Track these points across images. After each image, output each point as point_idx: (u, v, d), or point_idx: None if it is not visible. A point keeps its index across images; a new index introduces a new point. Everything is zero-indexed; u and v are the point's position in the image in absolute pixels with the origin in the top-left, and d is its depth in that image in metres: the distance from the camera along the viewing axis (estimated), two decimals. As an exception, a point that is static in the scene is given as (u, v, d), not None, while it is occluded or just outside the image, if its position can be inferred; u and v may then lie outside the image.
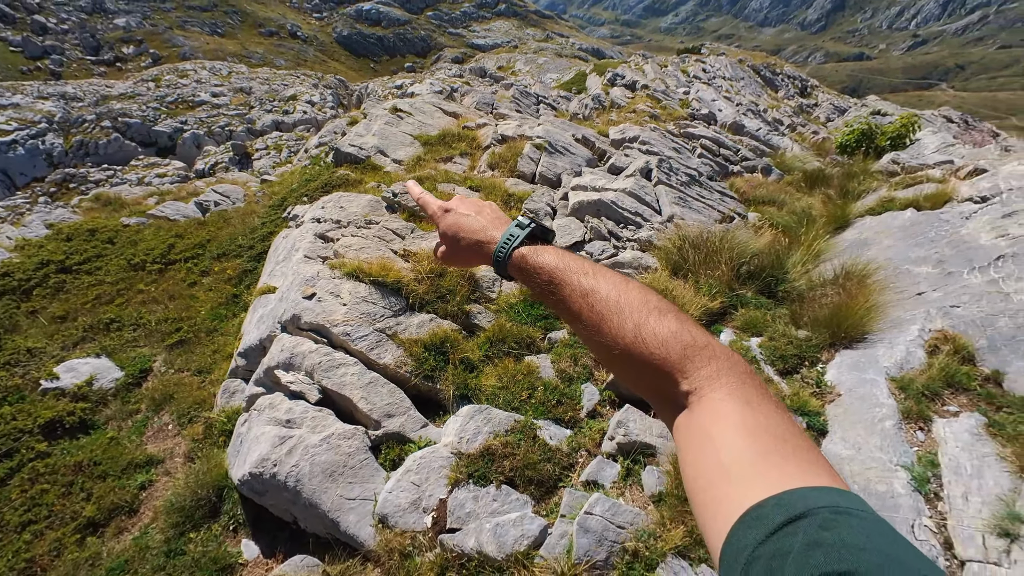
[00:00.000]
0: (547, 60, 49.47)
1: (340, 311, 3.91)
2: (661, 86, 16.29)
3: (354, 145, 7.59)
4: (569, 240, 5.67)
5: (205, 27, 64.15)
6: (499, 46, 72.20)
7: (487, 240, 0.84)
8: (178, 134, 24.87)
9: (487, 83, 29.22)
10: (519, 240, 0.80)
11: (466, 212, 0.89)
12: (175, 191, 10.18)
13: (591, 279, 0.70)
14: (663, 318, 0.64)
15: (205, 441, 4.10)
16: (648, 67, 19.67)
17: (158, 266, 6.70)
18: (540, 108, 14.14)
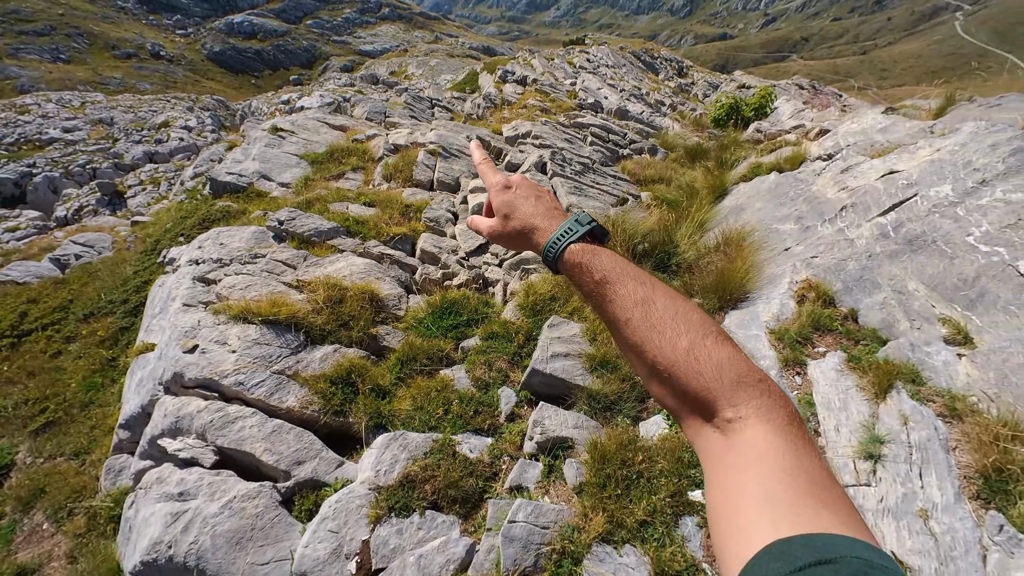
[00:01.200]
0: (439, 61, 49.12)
1: (230, 360, 3.59)
2: (550, 79, 16.77)
3: (232, 173, 7.00)
4: (473, 244, 5.65)
5: (45, 54, 56.22)
6: (388, 51, 70.48)
7: (542, 228, 0.82)
8: (26, 179, 21.60)
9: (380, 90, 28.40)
10: (577, 236, 0.78)
11: (525, 195, 0.87)
12: (24, 248, 8.80)
13: (648, 289, 0.70)
14: (720, 343, 0.64)
15: (90, 534, 3.59)
16: (536, 61, 20.18)
17: (9, 340, 5.75)
18: (435, 112, 13.98)
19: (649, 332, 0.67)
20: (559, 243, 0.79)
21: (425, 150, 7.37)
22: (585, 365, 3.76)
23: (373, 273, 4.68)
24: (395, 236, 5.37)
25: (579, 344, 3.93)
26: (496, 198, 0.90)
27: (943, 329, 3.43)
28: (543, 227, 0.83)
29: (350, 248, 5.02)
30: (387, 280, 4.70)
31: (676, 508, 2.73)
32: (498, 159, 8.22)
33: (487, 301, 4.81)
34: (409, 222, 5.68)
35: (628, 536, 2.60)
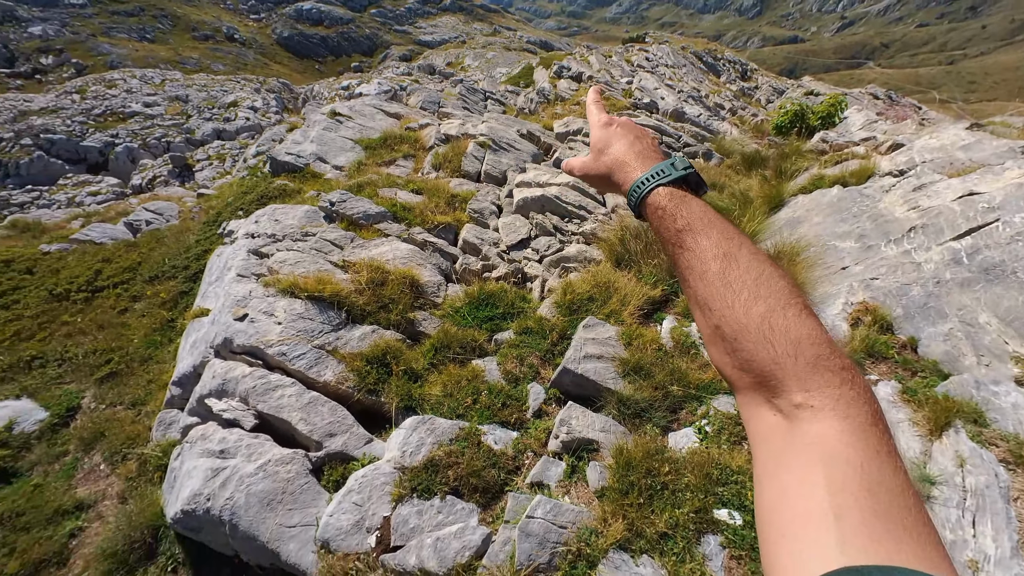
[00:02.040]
0: (496, 54, 49.30)
1: (275, 331, 3.77)
2: (606, 76, 16.50)
3: (291, 153, 7.32)
4: (515, 238, 5.66)
5: (133, 33, 60.47)
6: (447, 42, 71.37)
7: (632, 167, 0.79)
8: (109, 148, 23.40)
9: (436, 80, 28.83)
10: (667, 179, 0.74)
11: (623, 133, 0.84)
12: (103, 212, 9.55)
13: (734, 244, 0.65)
14: (803, 317, 0.57)
15: (139, 479, 3.88)
16: (593, 58, 19.88)
17: (84, 295, 6.28)
18: (488, 104, 14.06)
19: (724, 289, 0.62)
20: (646, 184, 0.75)
21: (475, 142, 7.43)
22: (618, 369, 3.70)
23: (415, 259, 4.78)
24: (439, 225, 5.46)
25: (613, 347, 3.87)
26: (594, 133, 0.89)
27: (1016, 368, 3.15)
28: (633, 166, 0.80)
29: (395, 233, 5.14)
30: (428, 267, 4.78)
31: (699, 525, 2.65)
32: (547, 155, 8.18)
33: (524, 296, 4.81)
34: (454, 212, 5.76)
35: (647, 546, 2.55)
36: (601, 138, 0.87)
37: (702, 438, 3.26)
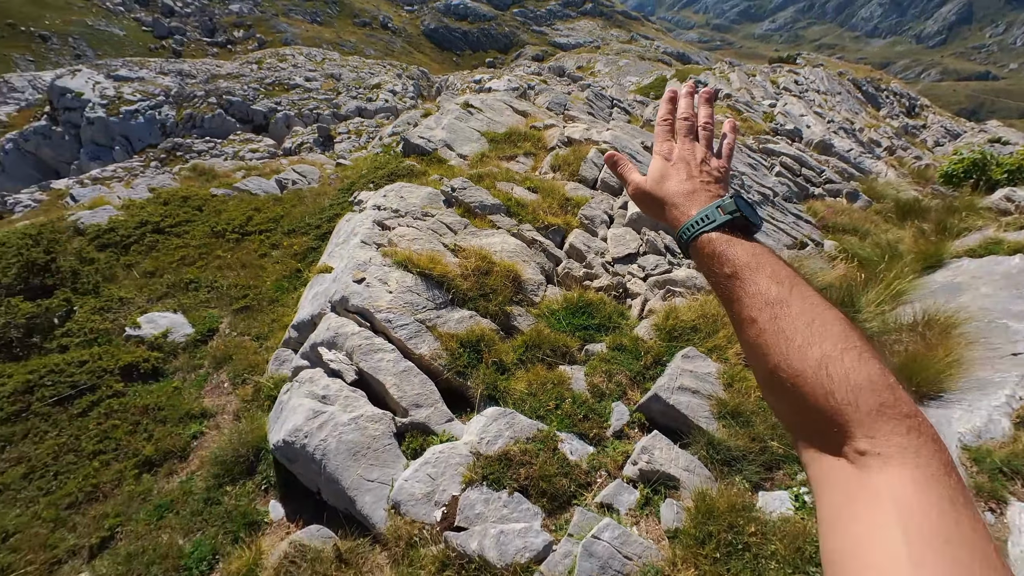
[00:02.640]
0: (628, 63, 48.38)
1: (386, 298, 4.05)
2: (745, 96, 15.42)
3: (423, 137, 7.82)
4: (623, 251, 5.52)
5: (307, 15, 68.62)
6: (581, 46, 71.52)
7: (681, 208, 0.79)
8: (272, 114, 26.83)
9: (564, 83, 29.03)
10: (712, 225, 0.74)
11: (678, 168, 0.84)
12: (261, 167, 11.00)
13: (784, 289, 0.64)
14: (863, 361, 0.56)
15: (253, 403, 4.42)
16: (734, 75, 18.69)
17: (236, 236, 7.28)
18: (614, 112, 13.85)
19: (776, 337, 0.60)
20: (691, 230, 0.75)
21: (597, 148, 7.36)
22: (713, 409, 3.45)
23: (521, 255, 4.86)
24: (549, 225, 5.49)
25: (712, 385, 3.62)
26: (653, 164, 0.88)
27: None
28: (682, 207, 0.79)
29: (506, 227, 5.27)
30: (532, 265, 4.84)
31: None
32: (668, 171, 7.85)
33: (622, 312, 4.67)
34: (565, 215, 5.76)
35: (718, 606, 2.35)
36: (659, 170, 0.85)
37: (798, 507, 2.92)
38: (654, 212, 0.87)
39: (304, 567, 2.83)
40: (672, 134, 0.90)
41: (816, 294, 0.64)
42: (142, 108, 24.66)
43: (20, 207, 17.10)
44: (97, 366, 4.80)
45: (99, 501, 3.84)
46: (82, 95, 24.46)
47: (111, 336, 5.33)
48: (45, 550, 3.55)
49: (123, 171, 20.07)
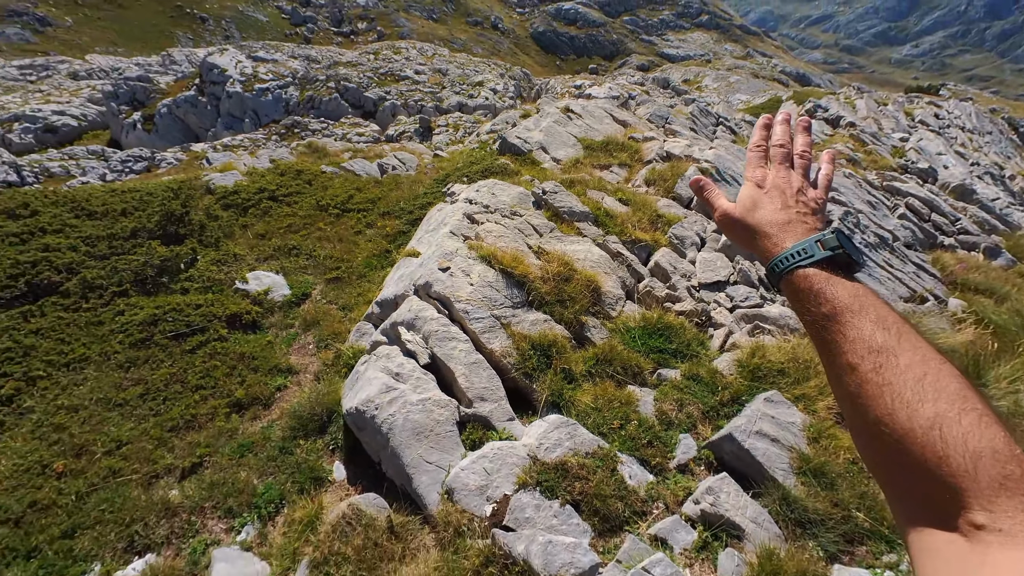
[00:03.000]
0: (740, 79, 45.80)
1: (466, 289, 4.17)
2: (872, 127, 13.99)
3: (520, 138, 7.94)
4: (711, 277, 5.24)
5: (424, 12, 72.47)
6: (690, 58, 68.86)
7: (774, 239, 0.75)
8: (381, 102, 28.64)
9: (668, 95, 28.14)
10: (812, 260, 0.69)
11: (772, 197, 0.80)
12: (365, 150, 11.78)
13: (890, 336, 0.59)
14: (984, 427, 0.51)
15: (332, 367, 4.74)
16: (861, 102, 17.02)
17: (337, 211, 7.86)
18: (718, 130, 13.19)
19: (879, 388, 0.55)
20: (786, 264, 0.70)
21: (697, 166, 7.04)
22: (793, 462, 3.17)
23: (604, 266, 4.78)
24: (636, 240, 5.35)
25: (794, 436, 3.32)
26: (744, 190, 0.83)
27: None
28: (776, 238, 0.74)
29: (592, 236, 5.21)
30: (613, 278, 4.74)
31: None
32: (772, 199, 7.33)
33: (703, 341, 4.44)
34: (654, 231, 5.57)
35: (774, 678, 2.15)
36: (750, 197, 0.81)
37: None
38: (742, 241, 0.83)
39: (358, 530, 2.99)
40: (765, 160, 0.86)
41: (928, 346, 0.58)
42: (272, 87, 27.42)
43: (165, 163, 19.73)
44: (209, 311, 5.41)
45: (194, 430, 4.32)
46: (226, 71, 27.67)
47: (223, 286, 5.98)
48: (147, 464, 4.06)
49: (249, 141, 22.44)
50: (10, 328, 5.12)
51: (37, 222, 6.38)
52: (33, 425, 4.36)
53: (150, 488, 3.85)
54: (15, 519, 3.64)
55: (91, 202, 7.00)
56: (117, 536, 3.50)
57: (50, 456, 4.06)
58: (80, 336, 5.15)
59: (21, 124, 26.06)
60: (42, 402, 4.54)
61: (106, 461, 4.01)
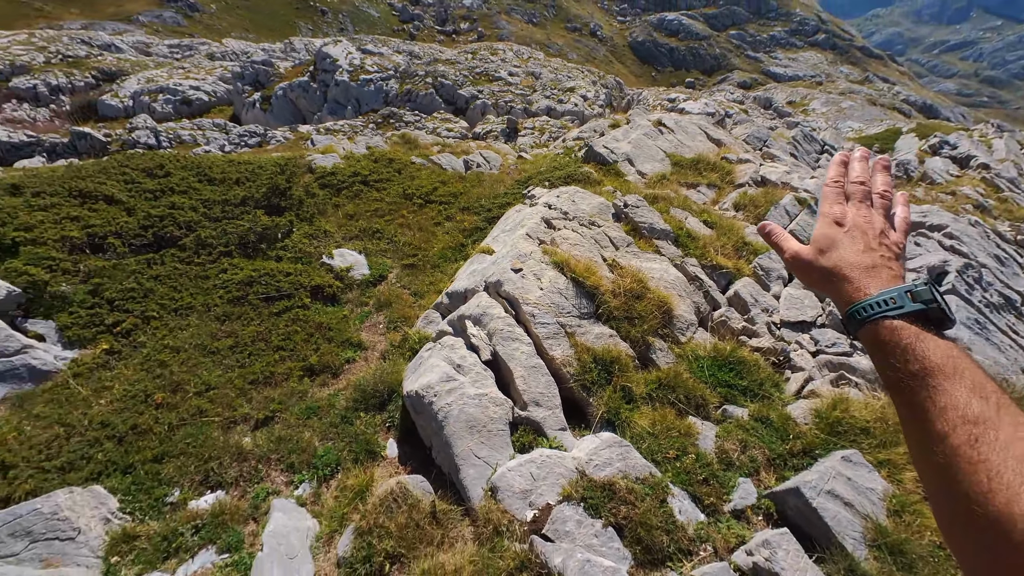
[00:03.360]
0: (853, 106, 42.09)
1: (535, 293, 4.19)
2: (1011, 171, 12.30)
3: (607, 147, 7.85)
4: (795, 316, 4.87)
5: (525, 15, 73.71)
6: (798, 79, 64.34)
7: (855, 283, 0.70)
8: (472, 100, 29.51)
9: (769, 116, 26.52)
10: (901, 312, 0.64)
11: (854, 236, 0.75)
12: (453, 146, 12.21)
13: (989, 407, 0.53)
14: None
15: (398, 349, 4.96)
16: (1000, 142, 15.01)
17: (420, 201, 8.21)
18: (822, 159, 12.22)
19: (974, 465, 0.50)
20: (870, 312, 0.65)
21: (794, 195, 6.58)
22: (867, 533, 2.88)
23: (678, 289, 4.60)
24: (717, 266, 5.10)
25: (872, 504, 3.01)
26: (820, 228, 0.77)
27: None
28: (858, 283, 0.69)
29: (670, 255, 5.03)
30: (687, 302, 4.55)
31: None
32: (877, 240, 6.67)
33: (777, 382, 4.14)
34: (738, 259, 5.28)
35: None
36: (827, 235, 0.75)
37: None
38: (816, 283, 0.77)
39: (403, 509, 3.11)
40: (844, 197, 0.80)
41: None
42: (375, 79, 29.19)
43: (275, 141, 21.67)
44: (297, 280, 5.87)
45: (271, 386, 4.71)
46: (336, 61, 29.85)
47: (311, 259, 6.46)
48: (228, 409, 4.48)
49: (349, 127, 24.05)
50: (136, 272, 5.86)
51: (168, 182, 7.26)
52: (142, 359, 4.96)
53: (228, 432, 4.25)
54: (119, 437, 4.17)
55: (212, 169, 7.84)
56: (196, 469, 3.90)
57: (152, 388, 4.61)
58: (189, 287, 5.79)
59: (164, 96, 29.78)
60: (152, 340, 5.16)
61: (196, 400, 4.48)
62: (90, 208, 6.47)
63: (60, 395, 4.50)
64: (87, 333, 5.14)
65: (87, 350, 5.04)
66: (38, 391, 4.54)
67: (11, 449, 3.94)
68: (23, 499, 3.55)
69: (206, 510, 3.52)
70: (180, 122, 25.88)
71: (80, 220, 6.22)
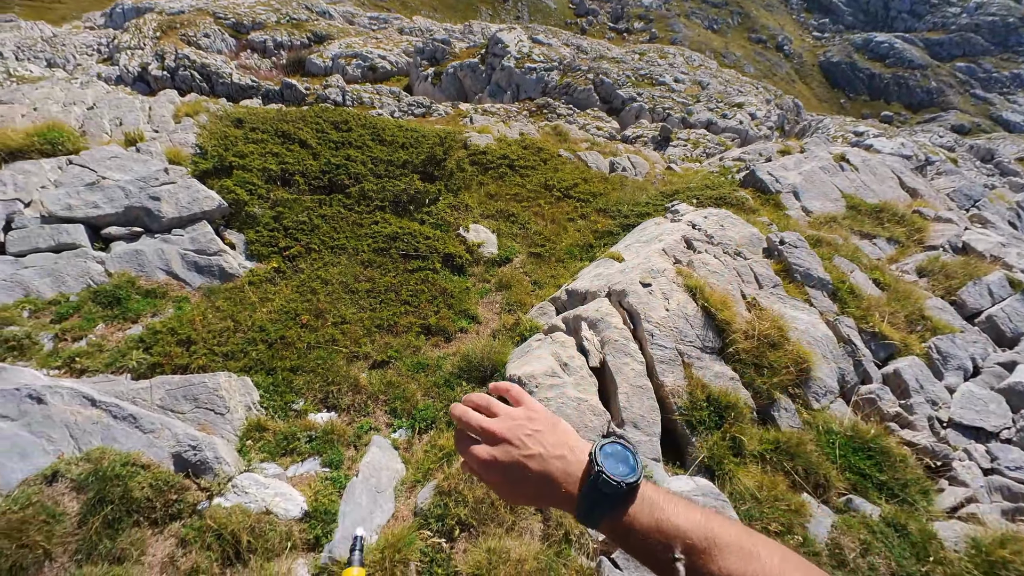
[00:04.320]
0: (1118, 178, 32.60)
1: (659, 313, 4.00)
2: None
3: (772, 174, 7.13)
4: (971, 420, 4.00)
5: (705, 21, 69.44)
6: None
7: (575, 460, 0.63)
8: (629, 102, 28.79)
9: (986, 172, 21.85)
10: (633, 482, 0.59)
11: (543, 426, 0.67)
12: (602, 145, 12.08)
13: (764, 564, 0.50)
14: None
15: (508, 332, 5.11)
16: None
17: (559, 194, 8.29)
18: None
19: None
20: (616, 486, 0.58)
21: (1006, 274, 5.36)
22: None
23: (824, 348, 4.05)
24: (878, 334, 4.38)
25: None
26: (501, 423, 0.67)
27: None
28: (579, 457, 0.64)
29: (822, 309, 4.45)
30: (831, 366, 3.99)
31: None
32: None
33: (927, 490, 3.46)
34: (909, 333, 4.48)
35: None
36: (511, 428, 0.67)
37: None
38: (521, 479, 0.67)
39: (482, 485, 3.23)
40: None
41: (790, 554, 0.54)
42: (539, 68, 29.90)
43: (437, 114, 23.47)
44: (433, 244, 6.34)
45: (392, 334, 5.18)
46: (507, 47, 31.13)
47: (449, 228, 6.92)
48: (354, 344, 5.04)
49: (504, 112, 25.06)
50: (309, 208, 6.81)
51: (349, 136, 8.27)
52: (299, 283, 5.77)
53: (350, 363, 4.78)
54: (269, 343, 4.92)
55: (385, 131, 8.74)
56: (319, 388, 4.47)
57: (301, 309, 5.35)
58: (345, 230, 6.58)
59: (356, 61, 33.87)
60: (309, 268, 5.98)
61: (331, 329, 5.10)
62: (287, 148, 7.65)
63: (236, 296, 5.45)
64: (264, 251, 6.12)
65: (261, 265, 6.02)
66: (222, 288, 5.53)
67: (195, 329, 4.88)
68: (195, 372, 4.40)
69: (320, 425, 4.02)
70: (364, 85, 29.27)
71: (278, 156, 7.39)
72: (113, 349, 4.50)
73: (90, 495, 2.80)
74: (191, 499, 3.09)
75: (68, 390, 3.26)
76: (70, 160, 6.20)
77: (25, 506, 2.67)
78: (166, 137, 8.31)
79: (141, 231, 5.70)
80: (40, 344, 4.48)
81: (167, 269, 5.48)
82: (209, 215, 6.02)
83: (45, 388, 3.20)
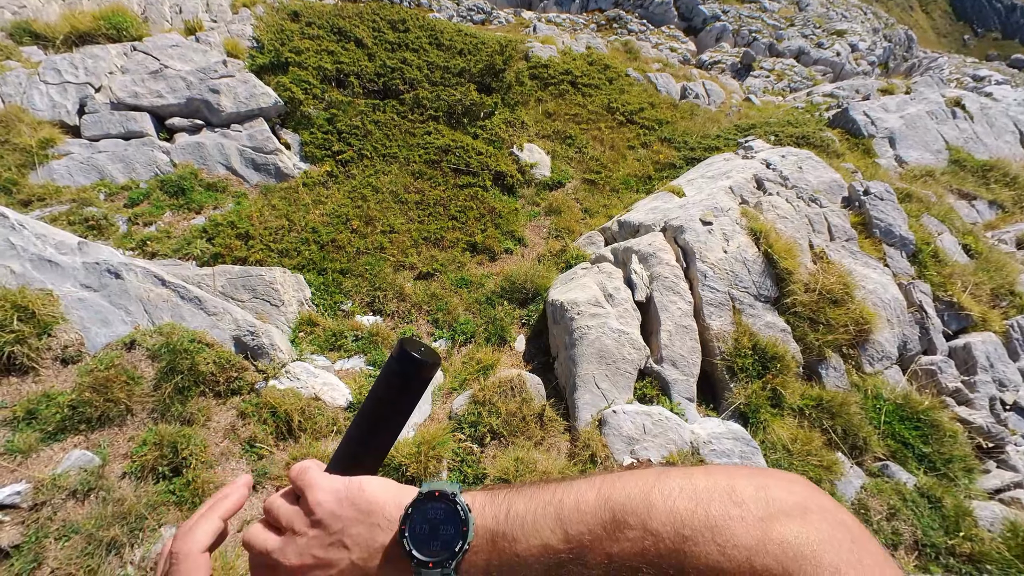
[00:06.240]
0: None
1: (717, 254, 3.79)
2: None
3: (867, 115, 6.32)
4: (1041, 402, 3.72)
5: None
6: None
7: (393, 508, 0.53)
8: (712, 20, 25.68)
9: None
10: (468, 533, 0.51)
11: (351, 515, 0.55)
12: (675, 68, 10.98)
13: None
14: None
15: (553, 257, 5.04)
16: None
17: (622, 119, 7.73)
18: None
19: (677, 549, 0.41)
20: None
21: None
22: None
23: (891, 311, 3.77)
24: (955, 304, 4.02)
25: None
26: (290, 551, 0.54)
27: None
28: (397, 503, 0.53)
29: (897, 270, 4.09)
30: (895, 331, 3.73)
31: None
32: None
33: (971, 468, 3.32)
34: (991, 308, 4.09)
35: None
36: (331, 513, 0.54)
37: None
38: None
39: (517, 399, 3.35)
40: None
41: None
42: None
43: (497, 21, 21.81)
44: (485, 161, 6.14)
45: (438, 248, 5.22)
46: (584, -55, 27.77)
47: (502, 145, 6.65)
48: (401, 254, 5.12)
49: (570, 23, 22.99)
50: (363, 112, 6.67)
51: (406, 38, 7.83)
52: (350, 188, 5.80)
53: (396, 271, 4.89)
54: (321, 244, 5.07)
55: (443, 35, 8.22)
56: (367, 292, 4.63)
57: (352, 214, 5.42)
58: (398, 139, 6.45)
59: (419, -48, 31.32)
60: (361, 175, 5.97)
61: (380, 237, 5.18)
62: (343, 46, 7.35)
63: (291, 196, 5.56)
64: (318, 153, 6.13)
65: (315, 167, 6.05)
66: (278, 187, 5.65)
67: (253, 224, 5.06)
68: (252, 265, 4.62)
69: (366, 327, 4.22)
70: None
71: (333, 55, 7.13)
72: (179, 237, 4.76)
73: (162, 364, 3.10)
74: (249, 378, 3.37)
75: (141, 269, 3.51)
76: (134, 47, 6.22)
77: (109, 367, 2.99)
78: (224, 27, 8.15)
79: (202, 124, 5.78)
80: (116, 225, 4.79)
81: (227, 164, 5.61)
82: (266, 112, 6.00)
83: (122, 265, 3.45)
